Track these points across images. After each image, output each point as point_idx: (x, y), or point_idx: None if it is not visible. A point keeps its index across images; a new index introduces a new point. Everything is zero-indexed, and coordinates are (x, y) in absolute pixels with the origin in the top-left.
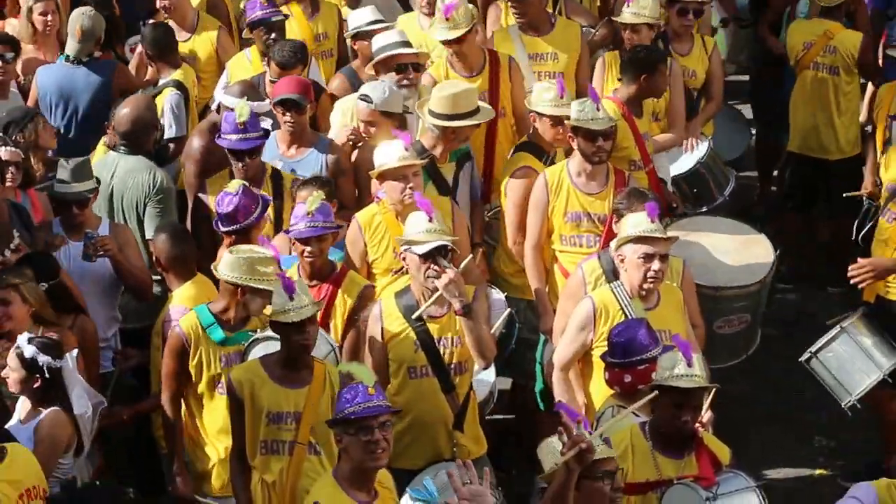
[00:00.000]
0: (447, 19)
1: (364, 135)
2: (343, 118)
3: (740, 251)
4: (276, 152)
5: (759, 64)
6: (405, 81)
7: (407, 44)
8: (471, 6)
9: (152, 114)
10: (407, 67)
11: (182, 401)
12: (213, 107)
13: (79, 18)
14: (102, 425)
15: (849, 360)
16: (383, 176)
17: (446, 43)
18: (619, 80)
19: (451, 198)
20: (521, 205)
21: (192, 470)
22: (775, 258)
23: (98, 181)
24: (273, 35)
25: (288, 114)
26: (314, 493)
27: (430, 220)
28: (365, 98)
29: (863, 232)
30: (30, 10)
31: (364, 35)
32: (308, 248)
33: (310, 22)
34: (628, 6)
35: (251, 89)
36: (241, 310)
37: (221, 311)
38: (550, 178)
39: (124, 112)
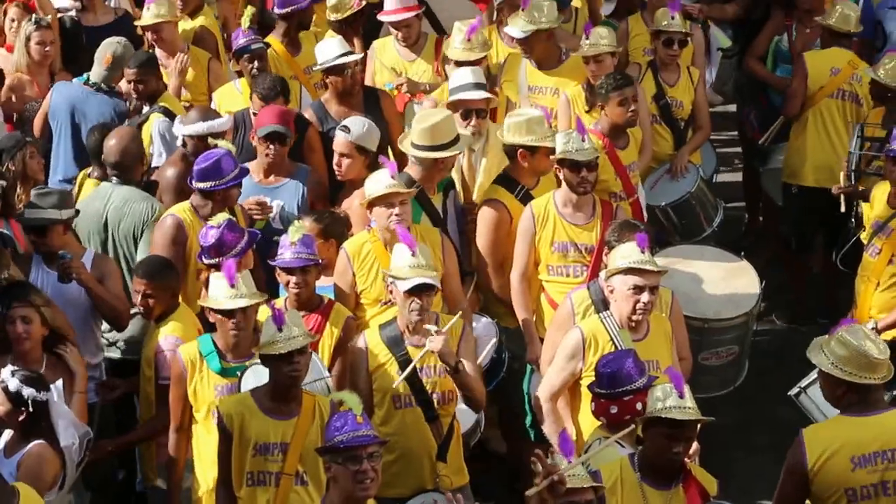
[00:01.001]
0: (468, 40)
1: (336, 166)
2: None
3: (726, 281)
4: (251, 182)
5: (744, 95)
6: (469, 127)
7: (478, 86)
8: (487, 36)
9: (138, 145)
10: (470, 113)
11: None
12: (179, 144)
13: (111, 46)
14: (89, 459)
15: None
16: (372, 204)
17: (460, 65)
18: (587, 111)
19: (441, 229)
20: (485, 235)
21: (188, 497)
22: (761, 290)
23: (77, 211)
24: (256, 63)
25: (272, 146)
26: None
27: (413, 254)
28: (344, 129)
29: (841, 253)
30: (28, 38)
31: (335, 69)
32: (293, 279)
33: (295, 58)
34: (587, 38)
35: (208, 111)
36: (243, 340)
37: (221, 341)
38: (537, 209)
39: (112, 143)
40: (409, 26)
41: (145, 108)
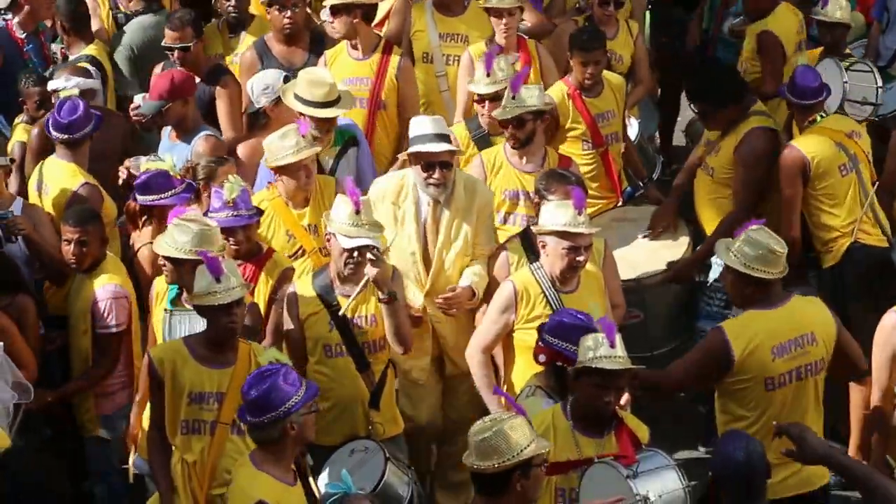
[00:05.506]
0: None
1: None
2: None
3: (651, 249)
4: (166, 137)
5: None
6: (430, 180)
7: (440, 137)
8: None
9: None
10: (434, 166)
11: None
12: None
13: None
14: (27, 408)
15: None
16: (282, 170)
17: (335, 12)
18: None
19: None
20: None
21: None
22: (667, 268)
23: (12, 160)
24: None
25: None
26: (238, 481)
27: (358, 211)
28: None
29: None
30: None
31: (273, 2)
32: (233, 239)
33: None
34: None
35: (77, 70)
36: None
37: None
38: (487, 158)
39: None
40: None
41: (72, 56)
